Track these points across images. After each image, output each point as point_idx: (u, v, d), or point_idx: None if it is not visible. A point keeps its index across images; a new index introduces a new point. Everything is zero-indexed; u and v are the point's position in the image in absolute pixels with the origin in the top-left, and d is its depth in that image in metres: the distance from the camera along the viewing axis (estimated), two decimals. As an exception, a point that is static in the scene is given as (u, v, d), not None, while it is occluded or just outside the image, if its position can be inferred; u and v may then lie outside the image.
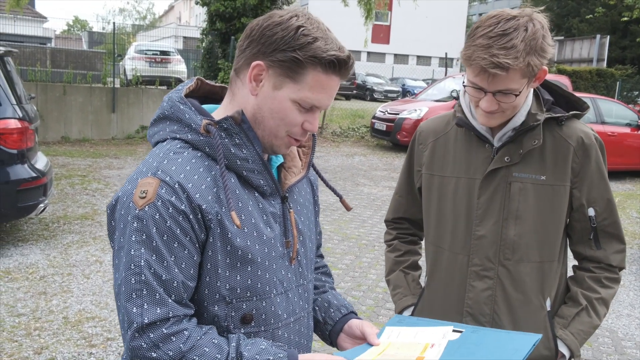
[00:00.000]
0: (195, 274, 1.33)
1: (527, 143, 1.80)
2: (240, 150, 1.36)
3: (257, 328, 1.40)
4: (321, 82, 1.33)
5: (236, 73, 1.40)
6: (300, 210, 1.54)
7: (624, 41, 32.93)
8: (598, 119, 12.36)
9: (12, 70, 6.37)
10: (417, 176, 2.05)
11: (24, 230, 6.74)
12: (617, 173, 12.66)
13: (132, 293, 1.26)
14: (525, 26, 1.62)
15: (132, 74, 15.89)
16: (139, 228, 1.27)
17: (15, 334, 4.25)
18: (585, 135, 1.84)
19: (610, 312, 5.37)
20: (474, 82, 1.70)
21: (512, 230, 1.83)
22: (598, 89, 21.83)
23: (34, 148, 6.18)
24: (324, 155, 13.66)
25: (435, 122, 2.04)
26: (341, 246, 6.87)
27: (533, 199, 1.82)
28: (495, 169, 1.83)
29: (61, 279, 5.33)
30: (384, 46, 42.67)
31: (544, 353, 1.85)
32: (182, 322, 1.29)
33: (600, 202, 1.87)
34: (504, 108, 1.72)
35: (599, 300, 1.89)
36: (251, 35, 1.35)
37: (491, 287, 1.86)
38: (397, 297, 2.13)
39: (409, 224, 2.20)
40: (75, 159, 11.19)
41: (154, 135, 1.44)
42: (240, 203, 1.36)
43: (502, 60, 1.59)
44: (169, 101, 1.41)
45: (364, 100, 27.83)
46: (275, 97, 1.35)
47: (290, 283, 1.47)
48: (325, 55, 1.31)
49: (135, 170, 1.37)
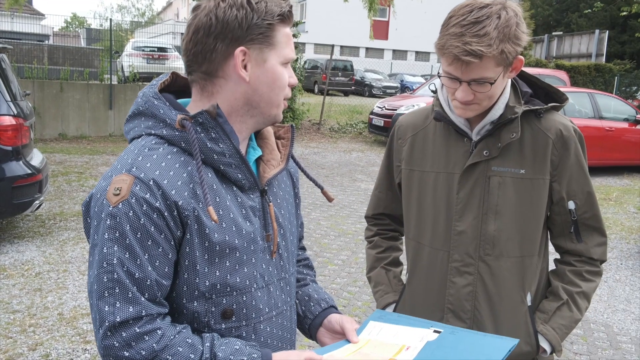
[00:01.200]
0: (170, 272, 1.31)
1: (506, 136, 1.78)
2: (216, 144, 1.34)
3: (238, 323, 1.39)
4: (287, 34, 1.40)
5: (210, 75, 1.37)
6: (280, 203, 1.52)
7: (623, 36, 32.92)
8: (596, 114, 12.34)
9: (7, 68, 6.35)
10: (396, 171, 2.03)
11: (20, 227, 6.73)
12: (615, 168, 12.67)
13: (104, 291, 1.25)
14: (499, 14, 1.61)
15: (130, 70, 15.86)
16: (112, 225, 1.26)
17: (10, 330, 4.25)
18: (564, 127, 1.82)
19: (606, 307, 5.38)
20: (448, 72, 1.69)
21: (491, 225, 1.81)
22: (596, 84, 21.82)
23: (29, 145, 6.17)
24: (321, 151, 13.66)
25: (413, 116, 2.02)
26: (337, 242, 6.87)
27: (512, 193, 1.80)
28: (474, 163, 1.81)
29: (57, 276, 5.32)
30: (383, 42, 42.62)
31: (524, 349, 1.84)
32: (156, 321, 1.27)
33: (581, 195, 1.85)
34: (479, 98, 1.70)
35: (580, 294, 1.87)
36: (212, 32, 1.32)
37: (471, 283, 1.84)
38: (379, 294, 2.11)
39: (390, 219, 2.18)
40: (72, 156, 11.18)
41: (130, 131, 1.42)
42: (217, 198, 1.35)
43: (475, 47, 1.58)
44: (143, 97, 1.40)
45: (362, 96, 27.75)
46: (267, 70, 1.37)
47: (271, 277, 1.46)
48: (282, 10, 1.36)
49: (111, 168, 1.35)
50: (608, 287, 5.91)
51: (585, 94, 12.82)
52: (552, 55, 27.37)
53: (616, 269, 6.49)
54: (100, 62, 16.05)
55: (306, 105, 17.28)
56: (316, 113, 17.54)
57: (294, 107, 15.65)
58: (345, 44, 36.94)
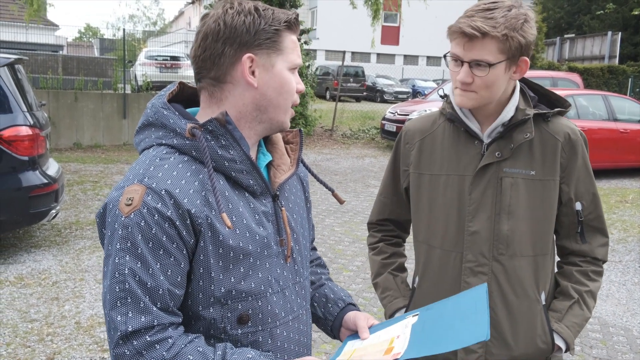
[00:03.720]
0: (182, 282, 1.31)
1: (518, 137, 1.83)
2: (227, 151, 1.35)
3: (255, 328, 1.39)
4: (294, 41, 1.42)
5: (218, 80, 1.38)
6: (292, 207, 1.53)
7: (636, 37, 32.66)
8: (610, 116, 12.24)
9: (23, 78, 6.42)
10: (403, 176, 2.06)
11: (37, 236, 6.79)
12: (630, 170, 12.54)
13: (116, 301, 1.26)
14: (509, 8, 1.72)
15: (143, 79, 15.97)
16: (124, 235, 1.26)
17: (28, 339, 4.28)
18: (572, 131, 1.88)
19: (624, 310, 5.32)
20: (453, 53, 1.76)
21: (505, 225, 1.84)
22: (610, 86, 21.67)
23: (45, 154, 6.22)
24: (334, 157, 13.66)
25: (420, 121, 2.06)
26: (352, 248, 6.86)
27: (524, 193, 1.84)
28: (486, 165, 1.85)
29: (73, 285, 5.36)
30: (394, 47, 42.62)
31: (541, 347, 1.88)
32: (167, 330, 1.27)
33: (587, 196, 1.91)
34: (478, 85, 1.75)
35: (588, 293, 1.93)
36: (221, 37, 1.34)
37: (486, 283, 1.85)
38: (387, 299, 2.12)
39: (394, 225, 2.20)
40: (87, 165, 11.27)
41: (140, 142, 1.43)
42: (230, 204, 1.35)
43: (480, 24, 1.68)
44: (152, 107, 1.41)
45: (374, 101, 27.77)
46: (274, 75, 1.38)
47: (286, 281, 1.46)
48: (288, 17, 1.39)
49: (123, 178, 1.36)
50: (627, 290, 5.85)
51: (599, 96, 12.72)
52: (564, 57, 27.23)
53: (634, 272, 6.42)
54: (114, 72, 16.20)
55: (318, 112, 17.31)
56: (328, 119, 17.56)
57: (306, 114, 15.68)
58: (356, 50, 36.96)
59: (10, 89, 5.80)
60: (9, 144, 5.62)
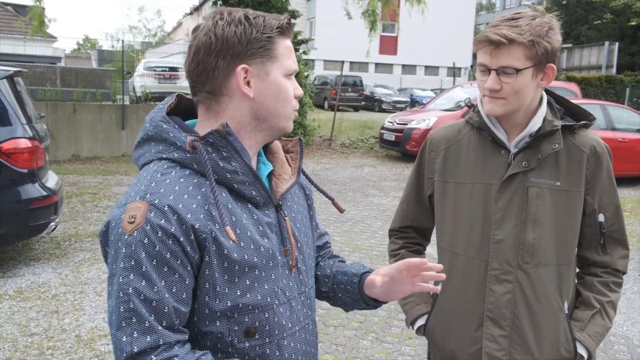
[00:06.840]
0: (188, 299, 1.30)
1: (546, 147, 1.86)
2: (228, 163, 1.34)
3: (262, 340, 1.38)
4: (287, 46, 1.40)
5: (214, 94, 1.37)
6: (295, 217, 1.52)
7: (633, 47, 32.77)
8: (608, 126, 12.27)
9: (22, 90, 6.43)
10: (427, 184, 2.08)
11: (36, 249, 6.77)
12: (629, 179, 12.56)
13: (121, 322, 1.24)
14: (534, 17, 1.77)
15: (142, 90, 16.01)
16: (127, 254, 1.25)
17: (28, 353, 4.26)
18: (597, 143, 1.91)
19: (625, 319, 5.31)
20: (480, 63, 1.80)
21: (530, 234, 1.86)
22: (608, 96, 21.73)
23: (45, 167, 6.22)
24: (333, 167, 13.66)
25: (446, 130, 2.08)
26: (352, 257, 6.85)
27: (550, 203, 1.87)
28: (513, 174, 1.88)
29: (73, 297, 5.34)
30: (392, 57, 42.74)
31: (564, 355, 1.90)
32: (173, 349, 1.26)
33: (610, 207, 1.93)
34: (506, 91, 1.78)
35: (609, 303, 1.95)
36: (213, 50, 1.33)
37: (511, 290, 1.88)
38: (409, 305, 2.14)
39: (415, 232, 2.22)
40: (86, 177, 11.26)
41: (140, 157, 1.41)
42: (234, 217, 1.34)
43: (506, 32, 1.72)
44: (151, 121, 1.39)
45: (372, 111, 27.80)
46: (270, 83, 1.37)
47: (292, 292, 1.45)
48: (280, 22, 1.37)
49: (124, 195, 1.34)
50: (626, 299, 5.84)
51: (597, 105, 12.75)
52: (562, 67, 27.31)
53: (634, 281, 6.42)
54: (113, 83, 16.22)
55: (317, 122, 17.33)
56: (327, 129, 17.58)
57: (305, 124, 15.70)
58: (354, 60, 37.02)
59: (9, 101, 5.80)
60: (9, 156, 5.61)
